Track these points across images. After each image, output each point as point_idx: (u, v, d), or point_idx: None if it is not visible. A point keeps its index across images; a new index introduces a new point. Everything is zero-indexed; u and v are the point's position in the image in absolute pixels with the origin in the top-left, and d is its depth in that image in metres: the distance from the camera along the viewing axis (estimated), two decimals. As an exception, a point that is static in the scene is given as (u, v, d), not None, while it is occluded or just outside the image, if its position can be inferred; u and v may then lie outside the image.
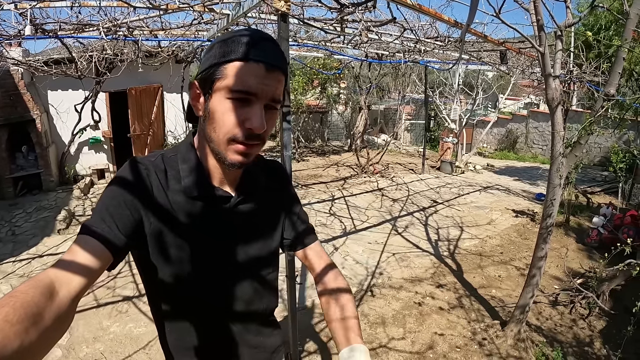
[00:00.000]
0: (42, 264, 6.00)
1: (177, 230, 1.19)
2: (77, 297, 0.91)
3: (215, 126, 1.11)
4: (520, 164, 16.56)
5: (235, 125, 1.08)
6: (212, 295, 1.30)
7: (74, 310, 0.91)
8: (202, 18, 5.24)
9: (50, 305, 0.82)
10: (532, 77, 12.01)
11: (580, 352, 4.23)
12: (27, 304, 0.77)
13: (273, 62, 1.08)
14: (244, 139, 1.10)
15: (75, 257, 0.96)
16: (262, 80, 1.07)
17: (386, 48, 8.72)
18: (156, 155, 1.24)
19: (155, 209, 1.16)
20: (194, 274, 1.24)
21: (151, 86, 10.83)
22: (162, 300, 1.31)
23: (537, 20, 3.53)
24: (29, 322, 0.75)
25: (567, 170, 3.84)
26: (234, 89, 1.06)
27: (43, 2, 4.50)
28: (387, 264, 6.24)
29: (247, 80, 1.06)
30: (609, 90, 3.48)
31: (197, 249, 1.23)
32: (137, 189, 1.14)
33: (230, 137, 1.10)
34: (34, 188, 9.40)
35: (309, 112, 17.27)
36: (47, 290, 0.84)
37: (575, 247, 7.21)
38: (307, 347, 4.17)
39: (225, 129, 1.09)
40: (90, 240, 1.01)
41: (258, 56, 1.06)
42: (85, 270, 0.95)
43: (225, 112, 1.08)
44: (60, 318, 0.84)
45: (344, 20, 5.02)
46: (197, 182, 1.21)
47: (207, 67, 1.10)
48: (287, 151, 3.23)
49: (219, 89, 1.08)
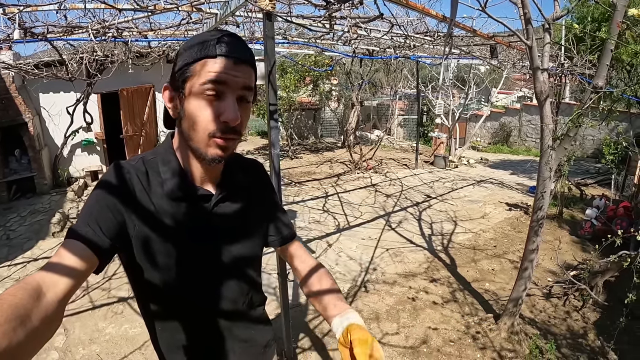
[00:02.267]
0: (38, 267, 5.94)
1: (160, 231, 1.20)
2: (64, 298, 0.93)
3: (192, 124, 1.14)
4: (514, 157, 16.60)
5: (211, 120, 1.12)
6: (198, 294, 1.32)
7: (62, 312, 0.93)
8: (190, 18, 5.23)
9: (38, 307, 0.84)
10: (523, 71, 12.03)
11: (574, 344, 4.26)
12: (15, 306, 0.79)
13: (240, 56, 1.12)
14: (221, 134, 1.13)
15: (61, 260, 0.98)
16: (230, 71, 1.11)
17: (377, 44, 8.73)
18: (137, 159, 1.27)
19: (138, 212, 1.18)
20: (180, 274, 1.26)
21: (143, 87, 10.80)
22: (151, 301, 1.32)
23: (525, 13, 3.54)
24: (17, 322, 0.77)
25: (556, 162, 3.85)
26: (204, 81, 1.09)
27: (30, 6, 4.49)
28: (381, 260, 6.26)
29: (216, 72, 1.09)
30: (597, 83, 3.49)
31: (181, 248, 1.24)
32: (119, 193, 1.16)
33: (208, 132, 1.12)
34: (28, 191, 9.36)
35: (301, 110, 17.26)
36: (35, 292, 0.86)
37: (569, 240, 7.24)
38: (302, 344, 4.18)
39: (202, 125, 1.12)
40: (75, 243, 1.03)
41: (224, 51, 1.10)
42: (71, 272, 0.96)
43: (199, 108, 1.11)
44: (48, 319, 0.86)
45: (332, 17, 5.02)
46: (179, 183, 1.23)
47: (177, 69, 1.14)
48: (276, 149, 3.23)
49: (191, 87, 1.11)
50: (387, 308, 4.89)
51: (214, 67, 1.09)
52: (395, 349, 4.11)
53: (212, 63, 1.09)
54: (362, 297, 5.13)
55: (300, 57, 13.80)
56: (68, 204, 8.72)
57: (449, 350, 4.14)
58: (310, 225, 7.78)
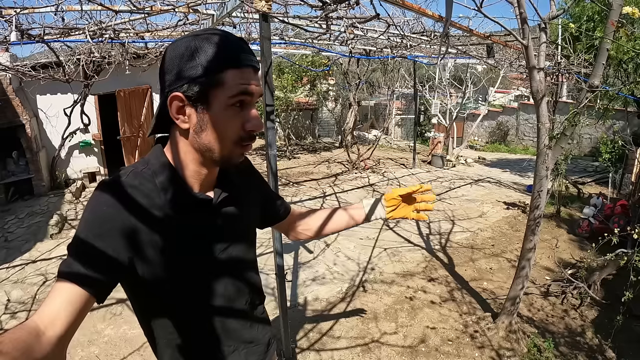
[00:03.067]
0: (36, 269, 5.98)
1: (163, 242, 1.17)
2: (65, 336, 0.92)
3: (218, 135, 1.13)
4: (512, 156, 16.64)
5: (239, 129, 1.14)
6: (204, 299, 1.32)
7: (63, 350, 0.93)
8: (187, 19, 5.23)
9: (39, 344, 0.84)
10: (520, 70, 12.04)
11: (572, 342, 4.27)
12: (17, 340, 0.80)
13: (256, 65, 1.15)
14: (247, 141, 1.18)
15: (56, 299, 0.96)
16: (254, 82, 1.13)
17: (374, 44, 8.74)
18: (127, 172, 1.19)
19: (134, 228, 1.12)
20: (185, 282, 1.26)
21: (140, 87, 10.78)
22: (151, 311, 1.31)
23: (520, 13, 3.55)
24: (20, 353, 0.78)
25: (553, 161, 3.87)
26: (235, 93, 1.09)
27: (27, 8, 4.49)
28: (379, 259, 6.27)
29: (246, 85, 1.10)
30: (593, 82, 3.50)
31: (185, 256, 1.23)
32: (112, 216, 1.10)
33: (237, 138, 1.15)
34: (26, 193, 9.34)
35: (299, 110, 17.27)
36: (34, 331, 0.86)
37: (567, 238, 7.25)
38: (300, 344, 4.18)
39: (232, 133, 1.14)
40: (67, 286, 0.99)
41: (247, 60, 1.11)
42: (67, 310, 0.95)
43: (228, 119, 1.12)
44: (50, 356, 0.86)
45: (329, 17, 5.03)
46: (178, 191, 1.20)
47: (193, 77, 1.08)
48: (272, 150, 3.24)
49: (217, 98, 1.09)
50: (385, 307, 4.90)
51: (243, 79, 1.10)
52: (394, 349, 4.11)
53: (240, 74, 1.10)
54: (361, 297, 5.14)
55: (298, 57, 13.81)
56: (66, 206, 8.72)
57: (447, 349, 4.15)
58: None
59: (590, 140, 15.51)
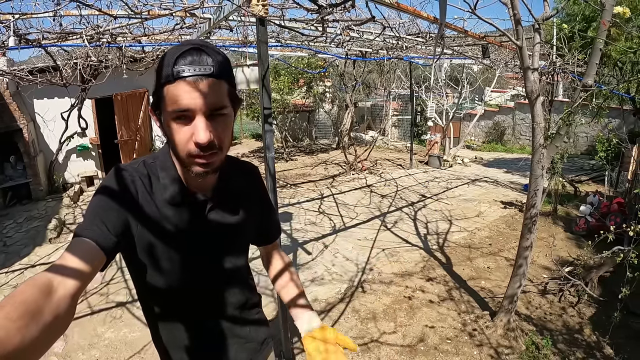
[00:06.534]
0: (35, 274, 5.91)
1: (161, 235, 1.25)
2: (75, 295, 0.94)
3: (173, 145, 1.18)
4: (509, 156, 16.63)
5: (186, 143, 1.13)
6: (196, 295, 1.39)
7: (73, 308, 0.95)
8: (184, 23, 5.25)
9: (49, 303, 0.86)
10: (516, 70, 12.07)
11: (570, 339, 4.29)
12: (27, 301, 0.81)
13: (201, 73, 1.08)
14: (199, 152, 1.13)
15: (70, 257, 1.00)
16: (192, 94, 1.08)
17: (369, 46, 8.76)
18: (139, 162, 1.30)
19: (140, 212, 1.21)
20: (179, 277, 1.31)
21: (137, 91, 10.81)
22: (152, 300, 1.39)
23: (514, 14, 3.58)
24: (29, 317, 0.79)
25: (548, 160, 3.90)
26: (170, 110, 1.10)
27: (26, 14, 4.51)
28: (377, 260, 6.29)
29: (179, 100, 1.08)
30: (587, 81, 3.54)
31: (180, 252, 1.29)
32: (122, 194, 1.20)
33: (186, 153, 1.15)
34: (24, 198, 9.37)
35: (295, 112, 17.27)
36: (46, 288, 0.87)
37: (564, 236, 7.29)
38: (299, 344, 4.20)
39: (180, 148, 1.15)
40: (83, 241, 1.05)
41: (183, 72, 1.07)
42: (80, 268, 0.98)
43: (173, 132, 1.14)
44: (60, 314, 0.88)
45: (325, 20, 5.05)
46: (178, 189, 1.27)
47: (153, 91, 1.17)
48: (270, 152, 3.26)
49: (164, 113, 1.14)
50: (384, 307, 4.93)
51: (175, 94, 1.08)
52: (393, 348, 4.14)
53: (173, 89, 1.09)
54: (359, 297, 5.16)
55: (294, 59, 13.82)
56: (64, 210, 8.73)
57: (446, 348, 4.17)
58: (306, 227, 7.80)
59: (586, 139, 15.54)
